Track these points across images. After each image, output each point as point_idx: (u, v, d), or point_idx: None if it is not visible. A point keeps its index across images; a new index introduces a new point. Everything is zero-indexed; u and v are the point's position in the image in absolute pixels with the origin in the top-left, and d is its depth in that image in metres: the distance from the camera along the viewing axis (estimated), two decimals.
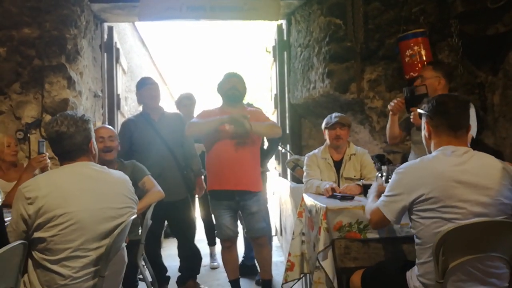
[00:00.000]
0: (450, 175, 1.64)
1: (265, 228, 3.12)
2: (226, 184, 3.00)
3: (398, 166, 2.60)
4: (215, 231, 3.19)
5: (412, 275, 1.77)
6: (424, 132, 1.88)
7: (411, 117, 2.79)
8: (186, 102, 4.20)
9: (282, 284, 2.65)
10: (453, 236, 1.57)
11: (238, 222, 3.22)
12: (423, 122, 1.87)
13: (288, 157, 4.38)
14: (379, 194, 1.98)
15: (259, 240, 3.11)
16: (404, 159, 3.33)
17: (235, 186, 2.99)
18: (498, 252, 1.62)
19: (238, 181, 2.98)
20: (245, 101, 3.45)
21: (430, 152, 1.84)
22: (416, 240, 1.74)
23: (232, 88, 3.10)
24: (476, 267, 1.61)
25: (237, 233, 3.17)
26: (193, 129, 3.07)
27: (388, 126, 2.95)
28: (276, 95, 4.89)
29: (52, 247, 1.72)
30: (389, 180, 2.42)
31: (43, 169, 2.72)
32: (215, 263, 4.29)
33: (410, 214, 1.74)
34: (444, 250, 1.58)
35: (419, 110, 1.92)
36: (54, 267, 1.73)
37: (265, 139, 3.74)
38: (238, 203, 3.04)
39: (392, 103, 2.82)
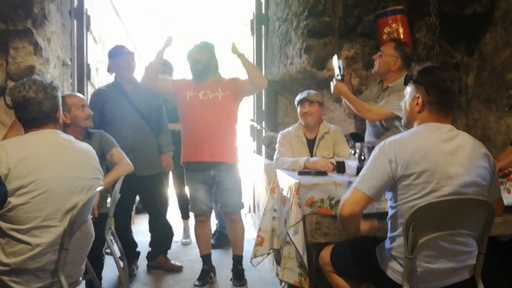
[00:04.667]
0: (437, 151, 1.61)
1: (239, 204, 3.10)
2: (201, 156, 2.95)
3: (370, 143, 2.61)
4: (189, 205, 3.13)
5: (382, 249, 1.77)
6: (410, 102, 1.75)
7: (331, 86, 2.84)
8: (162, 68, 4.05)
9: (251, 259, 2.64)
10: (423, 213, 1.57)
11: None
12: (413, 93, 1.74)
13: (263, 134, 4.34)
14: None
15: (233, 216, 3.09)
16: None
17: (211, 158, 2.94)
18: (467, 229, 1.63)
19: (213, 152, 2.93)
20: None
21: (409, 124, 1.79)
22: (390, 213, 1.73)
23: (193, 61, 3.01)
24: (446, 244, 1.62)
25: (211, 207, 3.15)
26: (144, 77, 3.04)
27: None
28: None
29: (21, 215, 1.68)
30: (363, 157, 2.43)
31: None
32: (188, 239, 4.25)
33: (391, 188, 1.69)
34: (414, 226, 1.58)
35: (411, 78, 1.75)
36: (24, 237, 1.69)
37: None
38: (213, 178, 3.00)
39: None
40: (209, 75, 3.03)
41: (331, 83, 2.84)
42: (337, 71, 2.79)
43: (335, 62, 2.83)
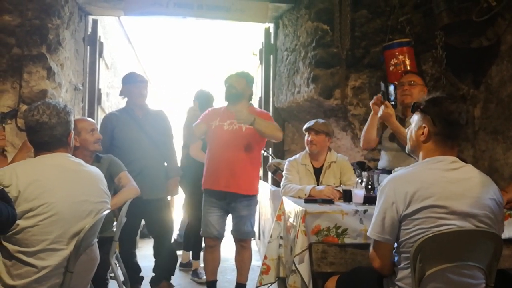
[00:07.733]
0: (441, 184, 1.60)
1: (250, 232, 3.10)
2: (217, 185, 3.01)
3: (378, 172, 2.60)
4: (201, 230, 3.13)
5: (390, 281, 1.75)
6: (416, 131, 1.76)
7: (380, 111, 2.71)
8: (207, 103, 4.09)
9: (256, 287, 2.61)
10: (431, 244, 1.56)
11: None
12: (419, 123, 1.74)
13: (270, 161, 4.35)
14: None
15: (243, 242, 3.09)
16: None
17: (225, 188, 2.99)
18: (475, 262, 1.61)
19: (228, 183, 2.98)
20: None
21: (413, 152, 1.79)
22: (396, 246, 1.72)
23: (229, 86, 3.10)
24: (453, 276, 1.60)
25: (222, 234, 3.11)
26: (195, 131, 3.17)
27: (365, 128, 2.89)
28: (260, 98, 4.87)
29: (29, 238, 1.68)
30: (370, 185, 2.43)
31: None
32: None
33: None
34: (422, 257, 1.57)
35: (419, 107, 1.75)
36: (30, 260, 1.69)
37: None
38: (228, 204, 3.02)
39: (373, 99, 2.79)
40: (241, 102, 3.08)
41: (381, 108, 2.71)
42: (392, 97, 2.71)
43: (391, 89, 2.74)
